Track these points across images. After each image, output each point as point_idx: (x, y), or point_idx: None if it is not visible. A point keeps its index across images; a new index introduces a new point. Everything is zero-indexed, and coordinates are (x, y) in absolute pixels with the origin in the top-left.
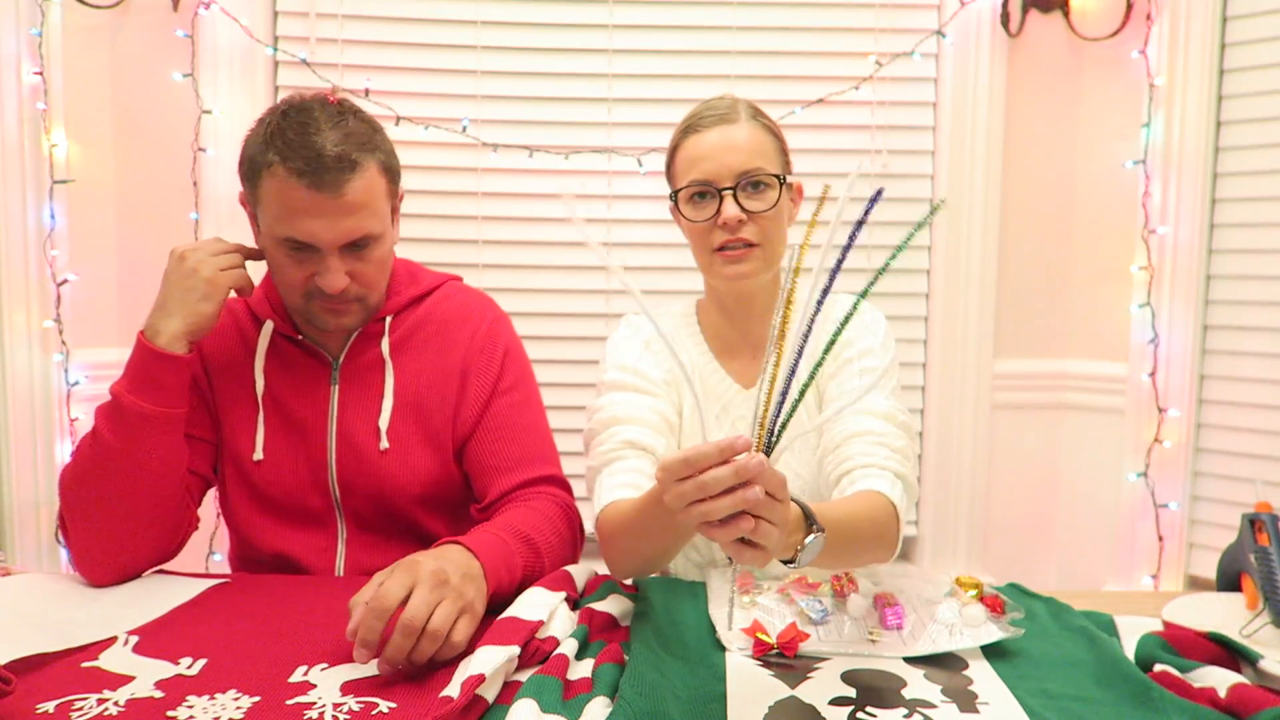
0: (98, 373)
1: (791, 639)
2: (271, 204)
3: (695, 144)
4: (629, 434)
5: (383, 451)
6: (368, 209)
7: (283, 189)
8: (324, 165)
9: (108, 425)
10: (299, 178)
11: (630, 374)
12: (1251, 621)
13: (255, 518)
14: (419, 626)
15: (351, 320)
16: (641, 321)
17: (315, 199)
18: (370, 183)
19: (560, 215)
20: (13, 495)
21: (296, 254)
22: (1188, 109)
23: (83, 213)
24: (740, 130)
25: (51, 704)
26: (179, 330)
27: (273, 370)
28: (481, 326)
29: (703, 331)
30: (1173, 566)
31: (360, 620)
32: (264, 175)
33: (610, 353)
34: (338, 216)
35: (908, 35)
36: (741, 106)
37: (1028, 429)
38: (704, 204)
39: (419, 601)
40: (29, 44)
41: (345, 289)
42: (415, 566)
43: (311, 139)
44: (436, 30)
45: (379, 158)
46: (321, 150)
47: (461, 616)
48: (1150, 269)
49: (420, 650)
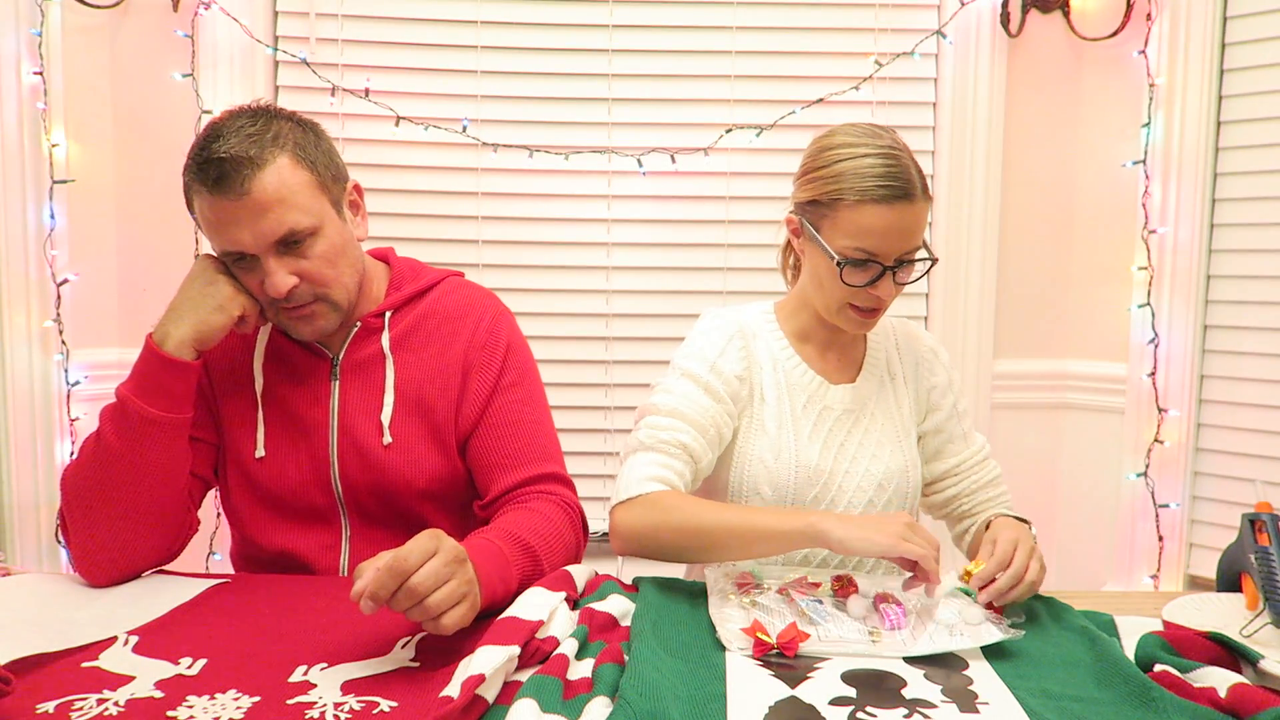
0: (98, 373)
1: (791, 639)
2: (202, 224)
3: (871, 216)
4: (687, 438)
5: (386, 447)
6: (284, 204)
7: (202, 205)
8: (223, 170)
9: (112, 428)
10: (207, 188)
11: (707, 368)
12: (1251, 621)
13: (258, 516)
14: (422, 594)
15: (324, 323)
16: (727, 313)
17: (224, 204)
18: (281, 176)
19: (560, 215)
20: (13, 495)
21: (241, 267)
22: (1188, 109)
23: (83, 213)
24: (915, 211)
25: (51, 704)
26: (187, 337)
27: (272, 368)
28: (483, 322)
29: (782, 327)
30: (1173, 566)
31: (376, 576)
32: (192, 199)
33: (693, 340)
34: (251, 217)
35: (908, 35)
36: (915, 176)
37: (1028, 429)
38: (862, 271)
39: (429, 571)
40: (29, 44)
41: (296, 290)
42: (440, 539)
43: (211, 148)
44: (436, 30)
45: (293, 152)
46: (219, 156)
47: (461, 602)
48: (1150, 269)
49: (410, 614)
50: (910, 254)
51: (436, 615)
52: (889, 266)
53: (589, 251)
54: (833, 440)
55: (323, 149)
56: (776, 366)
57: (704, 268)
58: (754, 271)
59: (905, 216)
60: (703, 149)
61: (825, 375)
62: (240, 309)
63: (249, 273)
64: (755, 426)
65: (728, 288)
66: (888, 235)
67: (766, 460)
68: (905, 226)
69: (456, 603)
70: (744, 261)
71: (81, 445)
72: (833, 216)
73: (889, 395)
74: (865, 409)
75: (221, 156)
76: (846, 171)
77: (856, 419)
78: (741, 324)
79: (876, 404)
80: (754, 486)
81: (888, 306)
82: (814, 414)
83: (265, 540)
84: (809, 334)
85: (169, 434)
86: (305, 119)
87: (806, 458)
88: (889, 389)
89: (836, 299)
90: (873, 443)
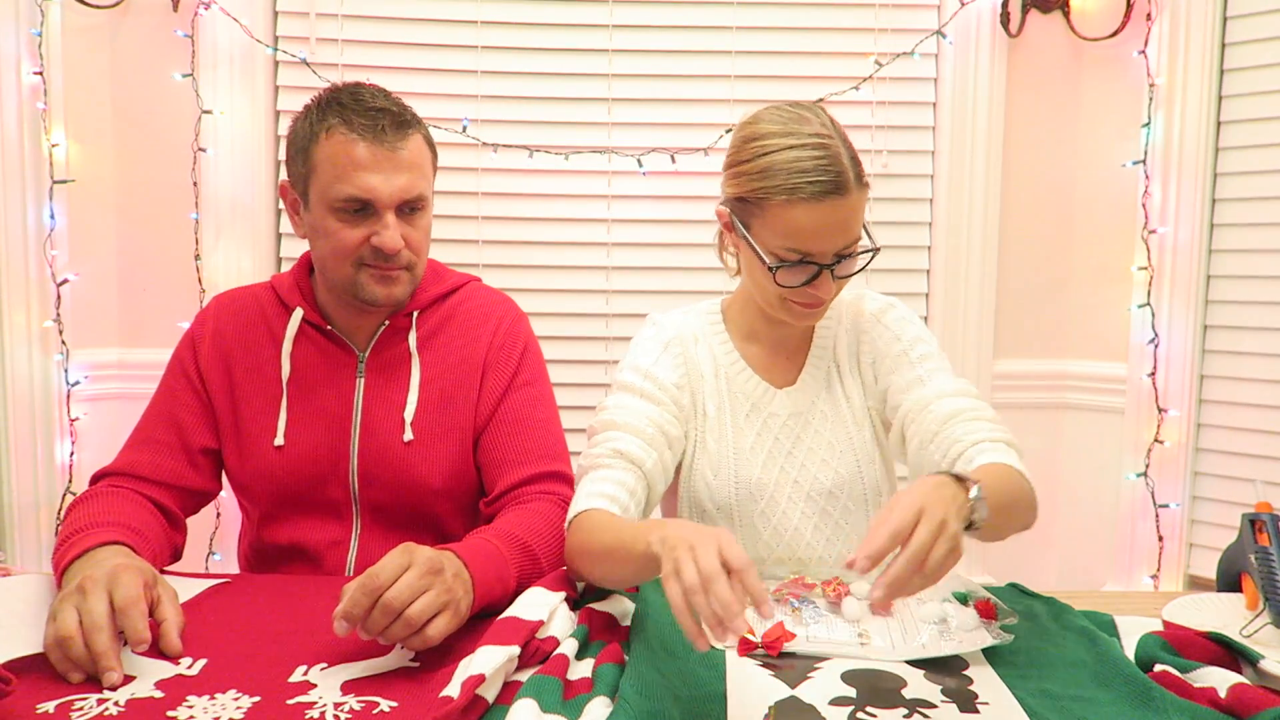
0: (98, 373)
1: (777, 638)
2: (328, 167)
3: (802, 215)
4: (621, 443)
5: (407, 443)
6: (418, 170)
7: (342, 147)
8: (383, 123)
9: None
10: (360, 133)
11: (641, 377)
12: (1251, 621)
13: (271, 506)
14: (397, 609)
15: (400, 290)
16: (666, 320)
17: (375, 152)
18: (421, 147)
19: (560, 215)
20: (13, 495)
21: (353, 217)
22: (1188, 109)
23: (83, 213)
24: (849, 204)
25: (51, 704)
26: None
27: (299, 358)
28: (504, 324)
29: (728, 329)
30: (1173, 566)
31: (350, 595)
32: (321, 140)
33: (630, 352)
34: (395, 171)
35: (908, 35)
36: (848, 165)
37: (1028, 429)
38: (798, 270)
39: (404, 584)
40: (29, 44)
41: (399, 253)
42: (412, 551)
43: (367, 103)
44: (436, 30)
45: (424, 131)
46: (380, 108)
47: (443, 611)
48: (1150, 269)
49: (391, 632)
50: (849, 248)
51: (419, 627)
52: (826, 265)
53: (589, 251)
54: (778, 450)
55: (433, 142)
56: (719, 373)
57: (704, 268)
58: None
59: (840, 211)
60: (703, 149)
61: (771, 379)
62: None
63: (356, 226)
64: (698, 443)
65: (728, 287)
66: (821, 234)
67: (708, 477)
68: (840, 221)
69: (438, 612)
70: None
71: (75, 504)
72: (761, 216)
73: (837, 391)
74: (813, 411)
75: (385, 108)
76: (773, 167)
77: (804, 423)
78: (679, 330)
79: (826, 403)
80: (698, 504)
81: (834, 298)
82: (757, 424)
83: (276, 533)
84: (756, 333)
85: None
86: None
87: (747, 473)
88: (836, 384)
89: (774, 297)
90: (822, 447)
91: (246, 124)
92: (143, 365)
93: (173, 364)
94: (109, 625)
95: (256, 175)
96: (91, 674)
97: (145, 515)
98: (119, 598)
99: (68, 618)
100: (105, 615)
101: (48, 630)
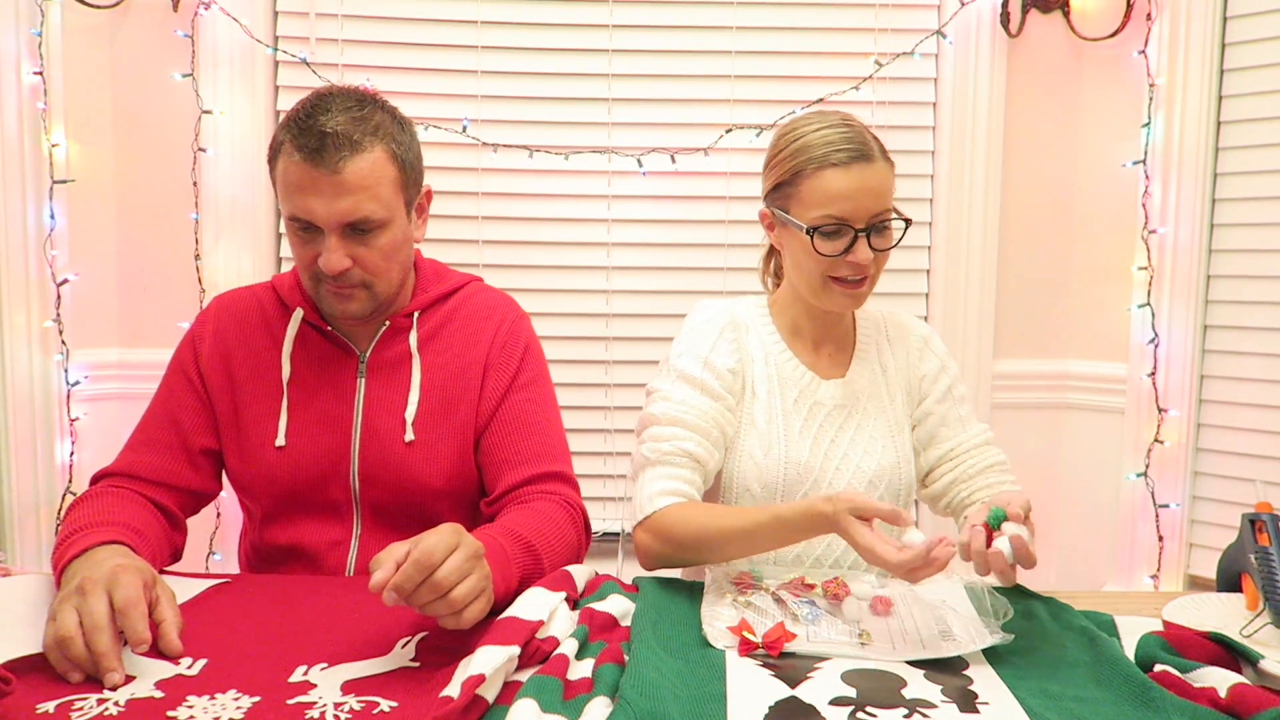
0: (98, 373)
1: (777, 639)
2: (281, 183)
3: (833, 179)
4: (691, 445)
5: (408, 444)
6: (367, 192)
7: (288, 167)
8: (323, 144)
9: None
10: (301, 155)
11: (701, 366)
12: (1251, 621)
13: (271, 507)
14: (445, 589)
15: (357, 307)
16: (719, 304)
17: (312, 175)
18: (374, 167)
19: (560, 215)
20: (13, 495)
21: (303, 234)
22: (1188, 109)
23: (83, 213)
24: (876, 171)
25: (51, 704)
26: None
27: (300, 358)
28: (505, 324)
29: (775, 322)
30: (1173, 566)
31: (402, 569)
32: (279, 156)
33: (685, 335)
34: (334, 195)
35: (908, 35)
36: (871, 140)
37: (1028, 429)
38: (835, 239)
39: (453, 565)
40: (29, 44)
41: (347, 272)
42: (460, 533)
43: (318, 119)
44: (436, 30)
45: (389, 146)
46: (323, 129)
47: (480, 596)
48: (1150, 269)
49: (432, 607)
50: (881, 217)
51: (460, 609)
52: (861, 230)
53: (589, 251)
54: (823, 436)
55: (414, 150)
56: (768, 360)
57: (704, 268)
58: (754, 271)
59: (868, 177)
60: (703, 149)
61: (817, 370)
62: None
63: (307, 243)
64: (746, 421)
65: (728, 287)
66: (853, 197)
67: (756, 456)
68: (869, 187)
69: (476, 597)
70: (744, 261)
71: (75, 503)
72: (798, 192)
73: (881, 389)
74: (857, 404)
75: (326, 130)
76: (805, 145)
77: (848, 414)
78: (734, 316)
79: (869, 399)
80: (744, 483)
81: (873, 277)
82: (805, 409)
83: (276, 533)
84: (801, 328)
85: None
86: (401, 116)
87: (796, 454)
88: (881, 383)
89: (817, 275)
90: (864, 439)
91: (246, 124)
92: (143, 365)
93: (173, 364)
94: (110, 626)
95: (256, 175)
96: (91, 674)
97: (145, 515)
98: (119, 598)
99: (68, 618)
100: (106, 616)
101: (48, 630)
